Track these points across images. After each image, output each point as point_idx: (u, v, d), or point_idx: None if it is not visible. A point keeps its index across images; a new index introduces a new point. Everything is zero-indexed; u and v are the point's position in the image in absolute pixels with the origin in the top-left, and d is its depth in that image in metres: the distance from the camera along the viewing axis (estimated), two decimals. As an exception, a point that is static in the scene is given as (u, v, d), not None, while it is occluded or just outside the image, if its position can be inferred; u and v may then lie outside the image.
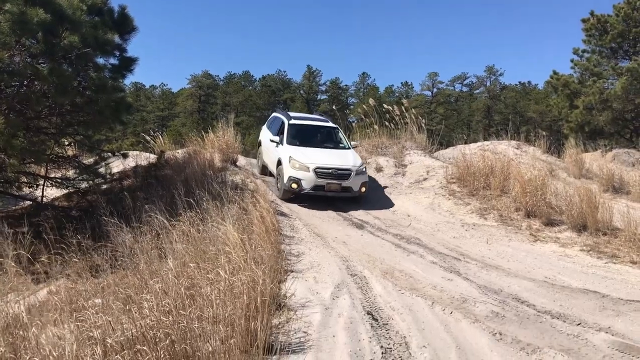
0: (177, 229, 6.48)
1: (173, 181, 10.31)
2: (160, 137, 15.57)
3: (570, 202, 10.15)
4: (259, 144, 14.55)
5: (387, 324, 5.42)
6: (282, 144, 12.19)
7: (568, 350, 4.68)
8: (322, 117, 14.84)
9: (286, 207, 11.29)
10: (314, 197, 11.61)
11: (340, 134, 13.57)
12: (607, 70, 20.12)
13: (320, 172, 11.34)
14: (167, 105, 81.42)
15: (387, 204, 12.02)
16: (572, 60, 21.46)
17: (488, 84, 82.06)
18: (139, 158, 13.41)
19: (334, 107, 29.10)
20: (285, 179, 11.37)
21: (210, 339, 3.48)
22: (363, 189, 11.67)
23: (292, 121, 13.00)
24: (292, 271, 7.18)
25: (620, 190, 12.96)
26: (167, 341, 3.23)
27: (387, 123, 16.05)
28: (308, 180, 11.30)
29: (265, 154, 13.58)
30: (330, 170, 11.40)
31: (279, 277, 6.46)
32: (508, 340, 4.90)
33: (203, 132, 14.69)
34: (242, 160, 14.93)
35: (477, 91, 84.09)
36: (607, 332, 5.14)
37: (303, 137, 12.70)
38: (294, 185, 11.29)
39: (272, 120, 14.32)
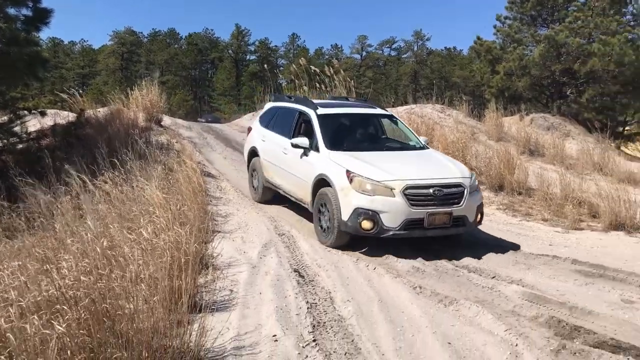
0: (99, 189, 6.28)
1: (95, 141, 9.92)
2: (79, 95, 14.53)
3: (489, 163, 10.62)
4: (252, 153, 9.42)
5: (313, 281, 5.54)
6: (319, 150, 7.37)
7: (482, 301, 4.96)
8: (360, 102, 10.10)
9: (213, 168, 11.16)
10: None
11: (400, 124, 8.88)
12: (527, 37, 20.87)
13: (414, 195, 6.40)
14: (88, 63, 77.67)
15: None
16: (495, 27, 22.08)
17: (415, 48, 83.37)
18: (58, 117, 12.74)
19: (265, 66, 28.53)
20: (347, 214, 6.46)
21: (133, 298, 3.44)
22: (479, 217, 6.96)
23: (323, 110, 8.06)
24: (219, 232, 7.16)
25: (535, 152, 13.67)
26: (87, 300, 3.17)
27: (317, 85, 16.03)
28: (395, 211, 6.32)
29: (273, 170, 8.53)
30: (430, 190, 6.46)
31: (205, 237, 6.43)
32: (427, 294, 5.13)
33: (128, 91, 14.02)
34: (167, 120, 14.53)
35: (405, 55, 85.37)
36: (518, 284, 5.48)
37: (349, 136, 8.19)
38: (367, 224, 6.34)
39: (272, 113, 9.35)
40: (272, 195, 8.87)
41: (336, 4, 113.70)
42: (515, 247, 6.99)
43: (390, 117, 8.96)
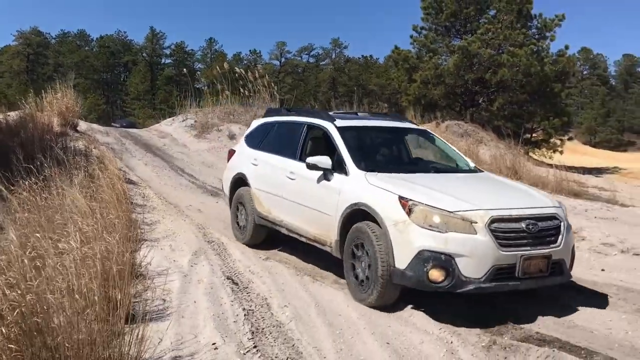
0: (16, 197, 5.91)
1: (6, 146, 9.33)
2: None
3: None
4: (237, 182, 7.53)
5: (247, 287, 5.48)
6: (347, 172, 5.66)
7: (419, 303, 5.11)
8: (380, 115, 8.51)
9: (135, 175, 10.81)
10: None
11: (439, 141, 7.10)
12: (442, 47, 21.81)
13: (503, 232, 4.70)
14: (-11, 64, 72.95)
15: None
16: (411, 37, 22.92)
17: (333, 56, 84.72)
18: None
19: (184, 70, 27.98)
20: (405, 259, 4.72)
21: (65, 310, 3.27)
22: (572, 262, 5.27)
23: (343, 122, 6.35)
24: (146, 240, 6.94)
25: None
26: (15, 314, 2.98)
27: (240, 90, 15.94)
28: (478, 255, 4.59)
29: (272, 201, 6.76)
30: (522, 224, 4.77)
31: (132, 246, 6.21)
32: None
33: (43, 94, 13.23)
34: (83, 125, 13.94)
35: (323, 63, 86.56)
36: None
37: (382, 154, 6.71)
38: (437, 274, 4.60)
39: (264, 131, 7.60)
40: (267, 235, 7.08)
41: (254, 9, 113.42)
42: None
43: (425, 133, 7.30)
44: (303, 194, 6.10)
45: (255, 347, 4.09)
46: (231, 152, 8.10)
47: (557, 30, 20.87)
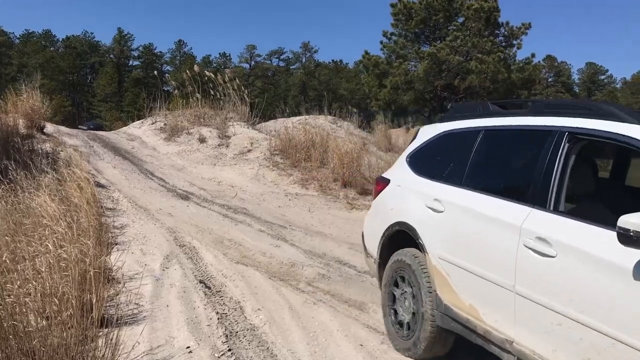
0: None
1: (-31, 148, 9.14)
2: None
3: (381, 173, 11.08)
4: (395, 235, 4.49)
5: (220, 291, 5.48)
6: None
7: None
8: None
9: (103, 178, 10.68)
10: None
11: None
12: (412, 53, 22.09)
13: None
14: (-52, 63, 70.91)
15: (212, 175, 11.97)
16: (381, 42, 23.16)
17: (304, 60, 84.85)
18: None
19: (155, 73, 27.68)
20: None
21: (42, 313, 3.24)
22: None
23: None
24: (117, 244, 6.89)
25: (422, 162, 14.41)
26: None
27: (211, 92, 15.87)
28: None
29: (482, 290, 3.46)
30: None
31: (103, 250, 6.15)
32: (335, 299, 5.28)
33: (7, 95, 12.93)
34: (50, 128, 13.69)
35: (293, 67, 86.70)
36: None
37: None
38: None
39: (453, 147, 4.41)
40: (450, 347, 4.07)
41: (224, 12, 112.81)
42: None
43: None
44: (589, 298, 2.76)
45: (229, 350, 4.11)
46: (381, 183, 4.94)
47: (523, 38, 21.39)
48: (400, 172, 4.79)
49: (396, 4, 22.57)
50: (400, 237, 4.37)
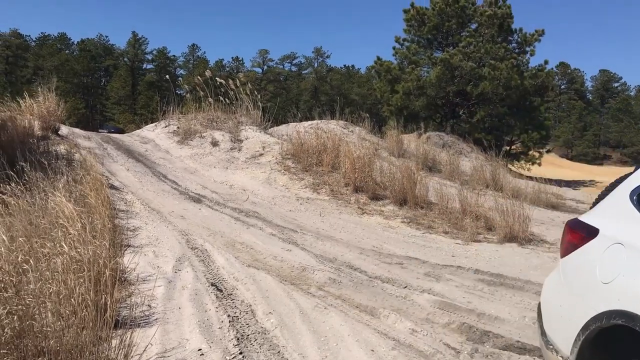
0: (-1, 201, 5.89)
1: (-14, 150, 9.24)
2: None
3: (392, 178, 11.06)
4: (606, 331, 2.65)
5: (231, 294, 5.51)
6: None
7: (398, 310, 5.19)
8: None
9: (116, 180, 10.77)
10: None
11: None
12: (424, 59, 22.08)
13: None
14: (-34, 65, 71.83)
15: (224, 178, 12.02)
16: (394, 48, 23.17)
17: (316, 65, 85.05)
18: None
19: (167, 77, 27.89)
20: None
21: (59, 313, 3.28)
22: None
23: None
24: (129, 246, 6.94)
25: (433, 169, 14.40)
26: (15, 317, 2.99)
27: (221, 97, 15.94)
28: None
29: None
30: None
31: (117, 251, 6.20)
32: (347, 304, 5.29)
33: (25, 96, 13.07)
34: (64, 129, 13.83)
35: (305, 71, 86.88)
36: (429, 293, 5.77)
37: None
38: None
39: None
40: None
41: (238, 17, 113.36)
42: (422, 258, 7.35)
43: None
44: None
45: (241, 353, 4.13)
46: (579, 232, 3.26)
47: (536, 45, 21.33)
48: (620, 219, 3.04)
49: (409, 9, 22.59)
50: (620, 334, 2.60)
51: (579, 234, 3.22)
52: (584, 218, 3.35)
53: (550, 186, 12.49)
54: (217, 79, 16.89)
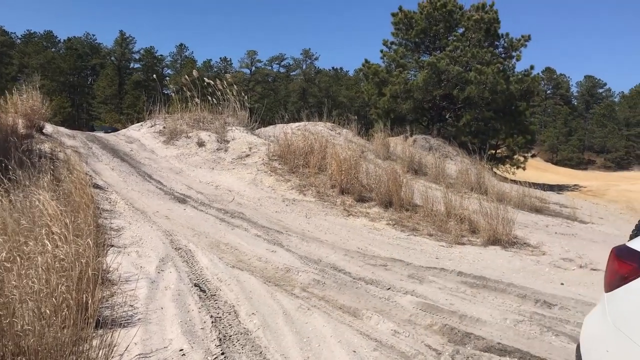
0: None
1: (-32, 147, 9.15)
2: None
3: (379, 181, 11.10)
4: None
5: (215, 295, 5.50)
6: None
7: (381, 311, 5.21)
8: None
9: (101, 179, 10.69)
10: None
11: None
12: (411, 62, 22.17)
13: None
14: (-52, 62, 70.93)
15: (210, 179, 11.99)
16: (381, 51, 23.23)
17: (304, 67, 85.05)
18: None
19: (154, 76, 27.75)
20: None
21: (40, 312, 3.26)
22: None
23: None
24: (113, 245, 6.89)
25: (419, 171, 14.46)
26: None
27: (209, 97, 15.91)
28: None
29: None
30: None
31: (100, 251, 6.16)
32: (329, 305, 5.30)
33: (6, 94, 12.96)
34: (49, 128, 13.72)
35: (294, 73, 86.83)
36: (412, 295, 5.80)
37: None
38: None
39: None
40: None
41: (226, 17, 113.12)
42: (406, 260, 7.38)
43: None
44: None
45: (222, 354, 4.12)
46: (623, 265, 2.71)
47: (522, 50, 21.49)
48: None
49: (397, 13, 22.65)
50: None
51: (631, 264, 2.63)
52: (634, 244, 2.76)
53: (534, 190, 12.62)
54: (205, 79, 16.86)
